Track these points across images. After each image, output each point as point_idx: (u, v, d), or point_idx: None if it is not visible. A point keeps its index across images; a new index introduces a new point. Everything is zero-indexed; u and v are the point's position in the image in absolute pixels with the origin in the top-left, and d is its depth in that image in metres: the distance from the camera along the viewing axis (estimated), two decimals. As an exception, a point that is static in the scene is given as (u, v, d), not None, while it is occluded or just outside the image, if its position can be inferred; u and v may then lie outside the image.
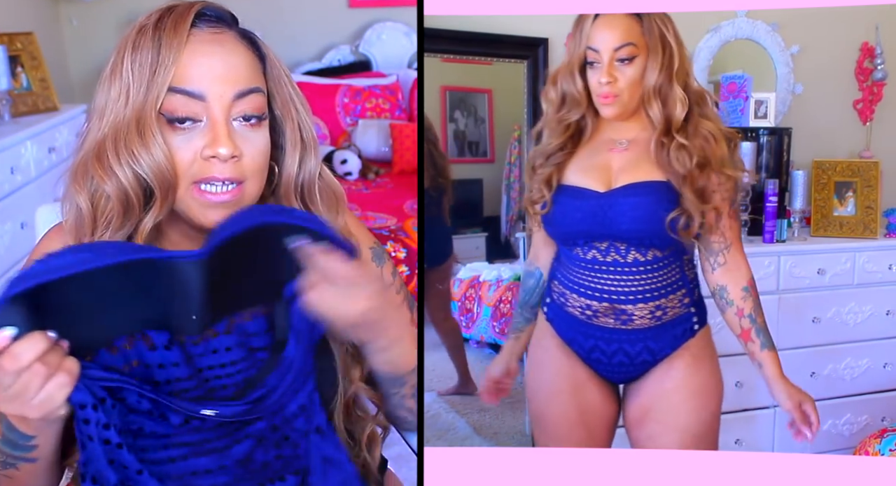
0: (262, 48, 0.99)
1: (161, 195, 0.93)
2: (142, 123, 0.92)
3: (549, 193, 1.22)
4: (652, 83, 1.18)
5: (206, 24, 0.95)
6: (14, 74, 3.06)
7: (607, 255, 1.18)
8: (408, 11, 4.19)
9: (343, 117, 4.07)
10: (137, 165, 0.92)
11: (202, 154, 0.93)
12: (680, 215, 1.16)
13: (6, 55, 2.92)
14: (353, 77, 4.16)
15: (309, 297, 0.89)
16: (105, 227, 0.95)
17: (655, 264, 1.18)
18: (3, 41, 3.02)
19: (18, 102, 3.03)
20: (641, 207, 1.16)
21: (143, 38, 0.93)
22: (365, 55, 4.29)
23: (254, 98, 0.95)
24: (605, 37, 1.18)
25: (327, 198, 1.05)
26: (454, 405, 1.87)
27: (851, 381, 1.81)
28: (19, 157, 2.67)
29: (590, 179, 1.20)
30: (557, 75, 1.24)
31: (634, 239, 1.17)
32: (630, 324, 1.20)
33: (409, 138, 3.86)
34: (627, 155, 1.20)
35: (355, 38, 4.29)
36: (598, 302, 1.20)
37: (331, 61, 4.29)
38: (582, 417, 1.26)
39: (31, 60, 3.18)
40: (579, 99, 1.22)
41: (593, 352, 1.24)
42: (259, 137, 0.96)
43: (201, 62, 0.92)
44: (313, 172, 1.02)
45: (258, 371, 0.97)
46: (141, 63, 0.92)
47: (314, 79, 4.10)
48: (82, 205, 0.96)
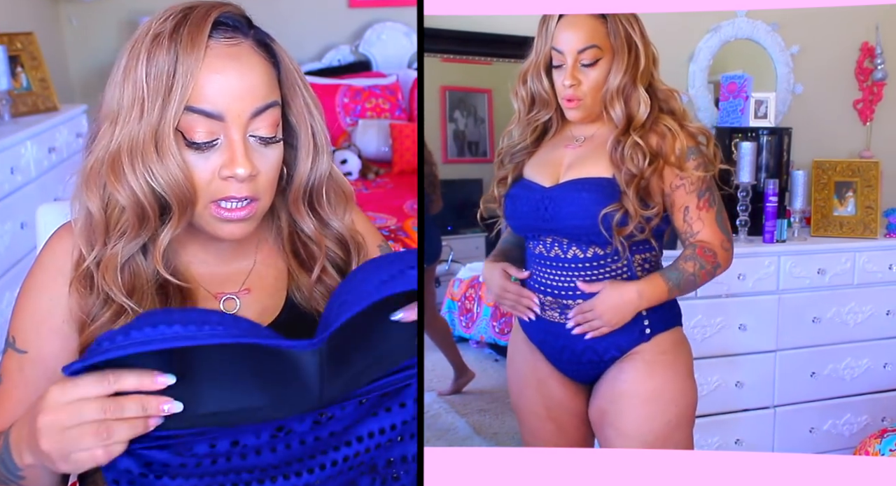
0: (278, 54, 0.98)
1: (179, 211, 0.93)
2: (159, 140, 0.91)
3: (504, 190, 1.23)
4: (616, 85, 1.16)
5: (223, 34, 0.94)
6: (14, 74, 3.06)
7: (551, 249, 1.19)
8: (408, 11, 4.19)
9: (343, 117, 4.07)
10: (154, 180, 0.91)
11: (220, 174, 0.92)
12: (615, 211, 1.14)
13: (6, 55, 2.92)
14: (353, 77, 4.16)
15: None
16: (119, 236, 0.94)
17: (596, 261, 1.17)
18: (3, 41, 3.02)
19: (18, 102, 3.03)
20: (578, 202, 1.15)
21: (158, 49, 0.91)
22: (365, 55, 4.30)
23: (270, 113, 0.95)
24: (569, 38, 1.17)
25: (336, 197, 1.05)
26: (454, 405, 1.87)
27: (851, 381, 1.81)
28: (19, 157, 2.67)
29: (540, 173, 1.21)
30: (525, 74, 1.23)
31: (573, 234, 1.17)
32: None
33: (409, 138, 3.86)
34: (580, 151, 1.20)
35: (355, 38, 4.29)
36: (544, 296, 1.20)
37: (331, 61, 4.29)
38: (548, 412, 1.26)
39: (31, 60, 3.18)
40: (548, 99, 1.21)
41: (544, 345, 1.24)
42: (274, 153, 0.96)
43: (219, 80, 0.91)
44: (324, 173, 1.02)
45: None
46: (156, 75, 0.91)
47: (314, 79, 4.09)
48: (94, 210, 0.95)
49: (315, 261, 1.03)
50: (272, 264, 1.06)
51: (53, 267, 0.99)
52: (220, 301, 1.02)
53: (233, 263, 1.04)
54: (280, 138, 0.96)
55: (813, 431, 1.81)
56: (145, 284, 0.97)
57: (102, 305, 0.96)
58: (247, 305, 1.03)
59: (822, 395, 1.81)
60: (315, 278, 1.03)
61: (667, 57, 1.91)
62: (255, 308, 1.03)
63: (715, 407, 1.75)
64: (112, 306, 0.95)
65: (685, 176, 1.16)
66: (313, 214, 1.03)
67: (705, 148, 1.19)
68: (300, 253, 1.04)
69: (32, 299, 0.99)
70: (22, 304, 1.00)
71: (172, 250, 0.99)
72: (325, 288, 1.04)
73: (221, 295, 1.03)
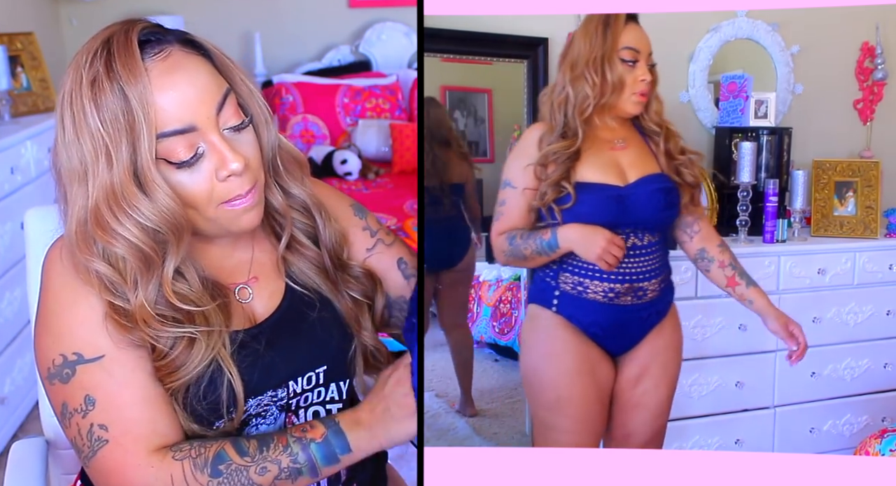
0: (203, 45, 0.98)
1: (175, 240, 0.93)
2: (142, 177, 0.90)
3: (571, 189, 1.32)
4: (656, 91, 1.37)
5: (151, 51, 0.93)
6: (14, 74, 3.06)
7: (628, 240, 1.33)
8: (408, 11, 4.19)
9: (343, 117, 4.07)
10: (143, 217, 0.91)
11: (218, 176, 0.93)
12: (678, 202, 1.38)
13: (6, 55, 2.92)
14: (353, 77, 4.16)
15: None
16: (135, 287, 0.94)
17: (659, 244, 1.38)
18: (3, 41, 3.02)
19: (18, 102, 3.03)
20: (657, 197, 1.35)
21: (101, 94, 0.90)
22: (365, 55, 4.30)
23: (230, 102, 0.96)
24: (643, 39, 1.35)
25: (291, 165, 1.07)
26: (454, 404, 1.87)
27: (851, 381, 1.81)
28: (19, 157, 2.67)
29: (606, 175, 1.34)
30: (587, 64, 1.33)
31: (651, 225, 1.35)
32: (644, 298, 1.38)
33: (409, 138, 3.86)
34: (629, 153, 1.36)
35: (355, 38, 4.29)
36: (621, 284, 1.35)
37: (331, 61, 4.29)
38: (599, 394, 1.39)
39: (31, 60, 3.18)
40: (618, 88, 1.33)
41: (611, 328, 1.38)
42: (249, 136, 0.98)
43: (174, 96, 0.91)
44: (274, 144, 1.04)
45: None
46: (112, 120, 0.89)
47: (314, 79, 4.10)
48: (101, 270, 0.94)
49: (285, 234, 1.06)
50: (268, 250, 1.08)
51: (82, 291, 0.96)
52: (234, 291, 1.04)
53: (235, 255, 1.06)
54: (248, 120, 0.98)
55: (813, 431, 1.81)
56: (197, 300, 0.97)
57: (170, 338, 0.96)
58: (258, 292, 1.06)
59: (822, 395, 1.81)
60: (285, 250, 1.06)
61: (667, 57, 1.92)
62: (265, 294, 1.06)
63: (715, 407, 1.75)
64: (182, 338, 0.95)
65: (689, 166, 1.40)
66: (278, 185, 1.05)
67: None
68: (276, 229, 1.07)
69: (73, 311, 0.97)
70: (61, 321, 0.97)
71: (192, 260, 1.00)
72: (306, 260, 1.07)
73: (234, 286, 1.05)
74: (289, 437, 0.97)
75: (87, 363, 0.95)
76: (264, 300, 1.06)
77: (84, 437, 0.96)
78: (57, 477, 1.33)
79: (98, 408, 0.95)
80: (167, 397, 0.97)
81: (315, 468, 0.97)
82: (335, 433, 0.97)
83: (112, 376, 0.95)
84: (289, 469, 0.95)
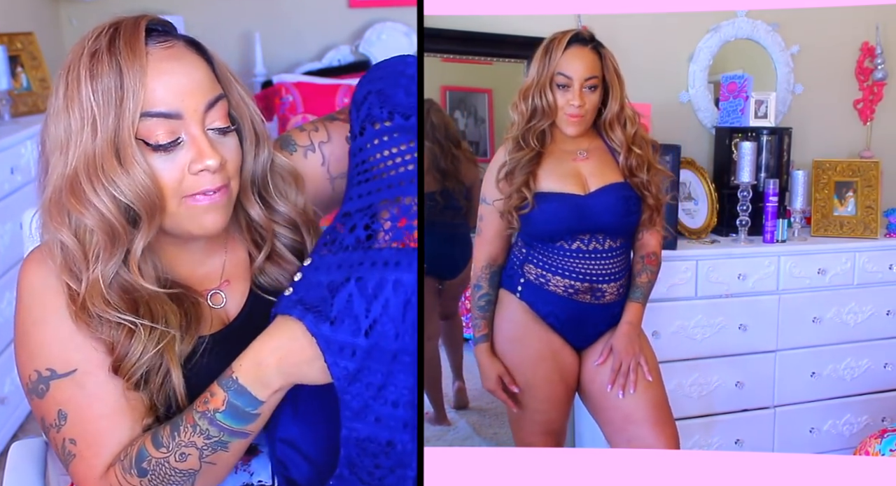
0: (208, 51, 1.00)
1: (147, 218, 0.93)
2: (121, 150, 0.91)
3: (519, 202, 1.42)
4: (614, 110, 1.44)
5: (157, 39, 0.94)
6: (14, 74, 3.06)
7: (590, 244, 1.43)
8: (408, 11, 4.19)
9: (343, 117, 4.06)
10: (120, 193, 0.91)
11: (190, 169, 0.93)
12: (639, 209, 1.45)
13: (6, 55, 2.92)
14: (353, 77, 4.16)
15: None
16: (95, 260, 0.94)
17: (621, 249, 1.45)
18: (3, 41, 3.02)
19: (18, 102, 3.02)
20: (619, 205, 1.43)
21: (99, 65, 0.91)
22: (365, 55, 4.29)
23: (221, 105, 0.96)
24: (578, 67, 1.42)
25: (283, 182, 1.06)
26: (454, 404, 1.87)
27: (851, 381, 1.81)
28: (19, 157, 2.67)
29: (566, 184, 1.44)
30: (528, 91, 1.45)
31: (612, 230, 1.43)
32: (602, 300, 1.45)
33: (409, 138, 3.86)
34: (590, 163, 1.46)
35: (355, 38, 4.29)
36: (581, 283, 1.43)
37: (331, 61, 4.29)
38: (562, 376, 1.47)
39: (31, 60, 3.18)
40: (549, 113, 1.44)
41: (568, 321, 1.46)
42: (233, 141, 0.98)
43: (167, 81, 0.92)
44: (266, 162, 1.04)
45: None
46: (104, 91, 0.90)
47: (314, 79, 4.10)
48: (67, 241, 0.94)
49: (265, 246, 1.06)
50: (239, 254, 1.08)
51: (50, 306, 0.97)
52: (207, 297, 1.05)
53: (208, 260, 1.06)
54: (234, 127, 0.98)
55: (813, 431, 1.81)
56: (145, 295, 0.96)
57: (114, 327, 0.95)
58: (230, 296, 1.06)
59: (822, 395, 1.81)
60: (264, 261, 1.06)
61: (667, 57, 1.92)
62: (235, 297, 1.06)
63: (715, 407, 1.75)
64: (122, 327, 0.95)
65: (655, 178, 1.45)
66: (261, 201, 1.05)
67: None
68: (258, 241, 1.07)
69: (43, 328, 0.97)
70: (33, 338, 0.97)
71: (156, 258, 1.00)
72: (283, 270, 1.07)
73: (207, 291, 1.05)
74: (194, 413, 0.93)
75: (60, 378, 0.96)
76: (234, 303, 1.06)
77: (60, 450, 0.97)
78: (56, 478, 1.33)
79: (69, 422, 0.96)
80: (139, 409, 0.97)
81: (235, 432, 0.93)
82: (237, 393, 0.91)
83: (83, 389, 0.95)
84: (209, 446, 0.92)
